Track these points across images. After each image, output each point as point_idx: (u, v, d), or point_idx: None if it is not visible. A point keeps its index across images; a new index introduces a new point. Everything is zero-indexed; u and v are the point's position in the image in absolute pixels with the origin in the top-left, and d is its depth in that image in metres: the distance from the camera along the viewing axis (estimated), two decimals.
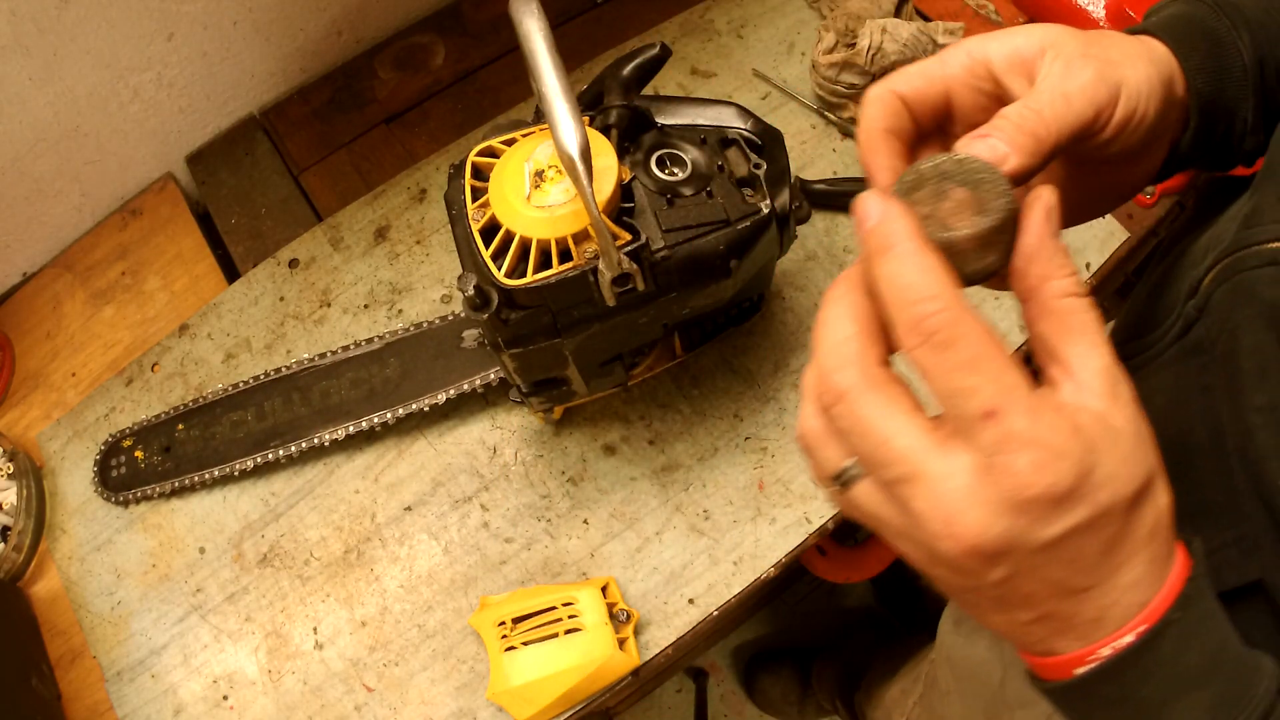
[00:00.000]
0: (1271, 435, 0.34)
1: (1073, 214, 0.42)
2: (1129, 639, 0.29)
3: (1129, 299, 0.50)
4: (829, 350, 0.31)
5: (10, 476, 0.77)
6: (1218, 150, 0.42)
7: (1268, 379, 0.34)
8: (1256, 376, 0.35)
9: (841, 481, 0.31)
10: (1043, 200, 0.31)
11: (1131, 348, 0.45)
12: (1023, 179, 0.33)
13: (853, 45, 0.83)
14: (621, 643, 0.66)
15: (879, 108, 0.36)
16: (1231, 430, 0.36)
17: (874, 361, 0.30)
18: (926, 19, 0.90)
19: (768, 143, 0.61)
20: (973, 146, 0.32)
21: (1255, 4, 0.41)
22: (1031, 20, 0.91)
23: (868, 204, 0.30)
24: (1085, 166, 0.40)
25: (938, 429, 0.29)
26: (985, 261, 0.32)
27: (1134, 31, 0.40)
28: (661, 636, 0.69)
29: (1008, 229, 0.31)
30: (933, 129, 0.38)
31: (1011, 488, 0.27)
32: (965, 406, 0.28)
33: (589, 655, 0.64)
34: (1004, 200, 0.31)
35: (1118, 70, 0.35)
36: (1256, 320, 0.35)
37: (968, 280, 0.32)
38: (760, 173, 0.59)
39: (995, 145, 0.32)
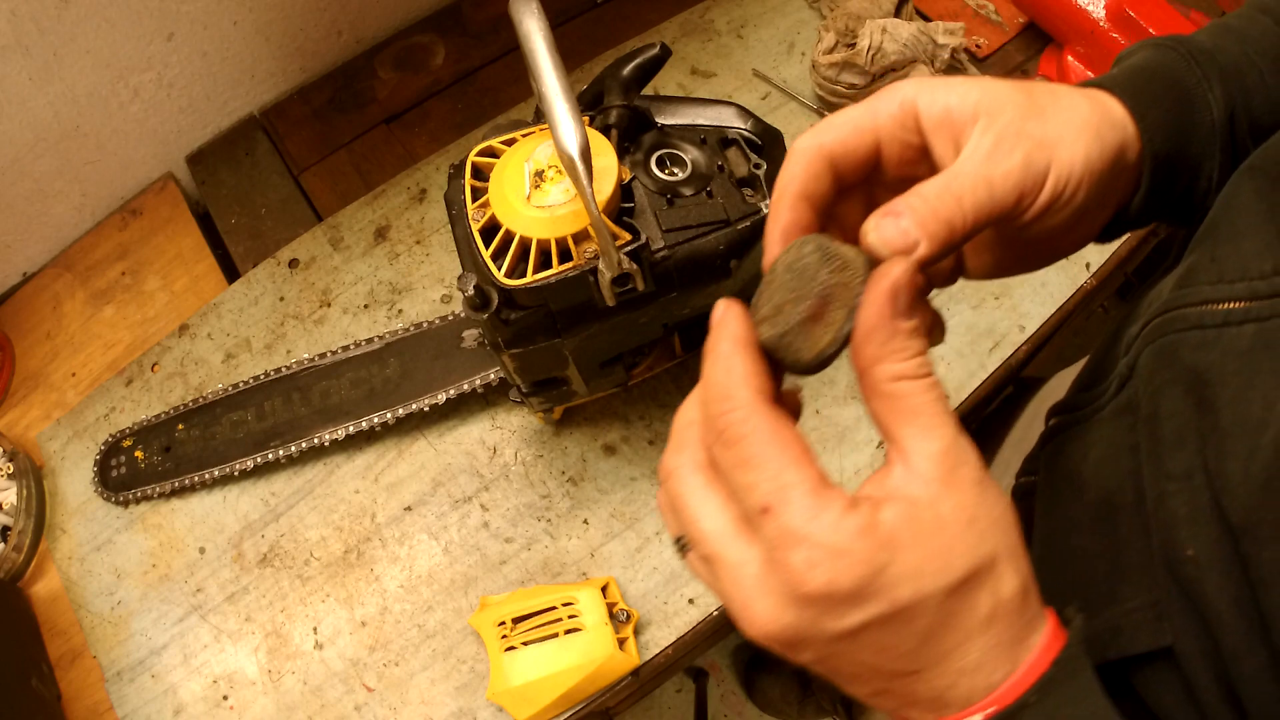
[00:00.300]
0: (1182, 503, 0.33)
1: (1002, 269, 0.40)
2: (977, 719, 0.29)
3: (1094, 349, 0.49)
4: (673, 433, 0.34)
5: (10, 476, 0.77)
6: (1178, 206, 0.40)
7: (1184, 446, 0.33)
8: (1174, 442, 0.34)
9: (679, 547, 0.33)
10: (889, 278, 0.30)
11: (1082, 398, 0.43)
12: (934, 263, 0.32)
13: (853, 45, 0.83)
14: (621, 643, 0.66)
15: (800, 168, 0.34)
16: (1149, 494, 0.35)
17: (704, 448, 0.32)
18: (926, 19, 0.90)
19: (768, 143, 0.61)
20: (883, 226, 0.31)
21: (1233, 48, 0.38)
22: (1031, 21, 0.91)
23: (716, 309, 0.32)
24: (1009, 233, 0.38)
25: (747, 520, 0.30)
26: (819, 347, 0.31)
27: (1099, 82, 0.38)
28: (661, 636, 0.69)
29: (840, 308, 0.31)
30: (860, 180, 0.36)
31: (789, 583, 0.28)
32: (746, 501, 0.29)
33: (589, 655, 0.64)
34: (815, 286, 0.31)
35: (1049, 152, 0.33)
36: (1176, 385, 0.34)
37: (814, 366, 0.32)
38: (760, 173, 0.58)
39: (907, 231, 0.31)
